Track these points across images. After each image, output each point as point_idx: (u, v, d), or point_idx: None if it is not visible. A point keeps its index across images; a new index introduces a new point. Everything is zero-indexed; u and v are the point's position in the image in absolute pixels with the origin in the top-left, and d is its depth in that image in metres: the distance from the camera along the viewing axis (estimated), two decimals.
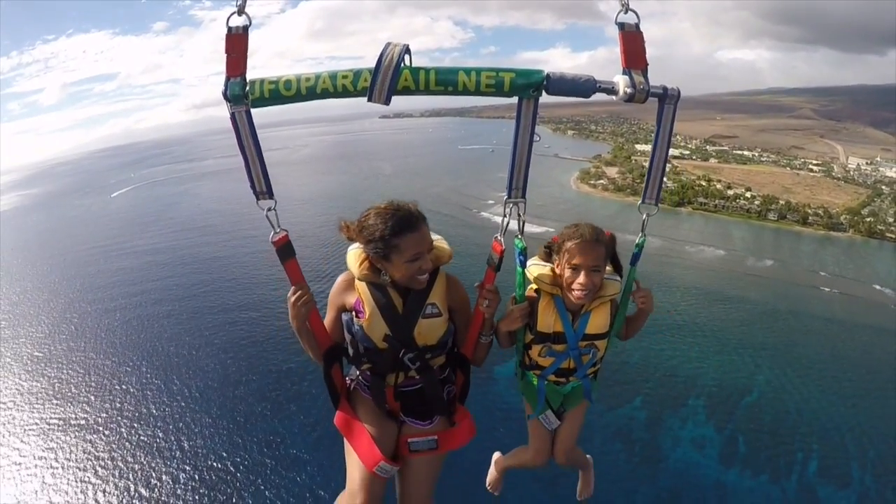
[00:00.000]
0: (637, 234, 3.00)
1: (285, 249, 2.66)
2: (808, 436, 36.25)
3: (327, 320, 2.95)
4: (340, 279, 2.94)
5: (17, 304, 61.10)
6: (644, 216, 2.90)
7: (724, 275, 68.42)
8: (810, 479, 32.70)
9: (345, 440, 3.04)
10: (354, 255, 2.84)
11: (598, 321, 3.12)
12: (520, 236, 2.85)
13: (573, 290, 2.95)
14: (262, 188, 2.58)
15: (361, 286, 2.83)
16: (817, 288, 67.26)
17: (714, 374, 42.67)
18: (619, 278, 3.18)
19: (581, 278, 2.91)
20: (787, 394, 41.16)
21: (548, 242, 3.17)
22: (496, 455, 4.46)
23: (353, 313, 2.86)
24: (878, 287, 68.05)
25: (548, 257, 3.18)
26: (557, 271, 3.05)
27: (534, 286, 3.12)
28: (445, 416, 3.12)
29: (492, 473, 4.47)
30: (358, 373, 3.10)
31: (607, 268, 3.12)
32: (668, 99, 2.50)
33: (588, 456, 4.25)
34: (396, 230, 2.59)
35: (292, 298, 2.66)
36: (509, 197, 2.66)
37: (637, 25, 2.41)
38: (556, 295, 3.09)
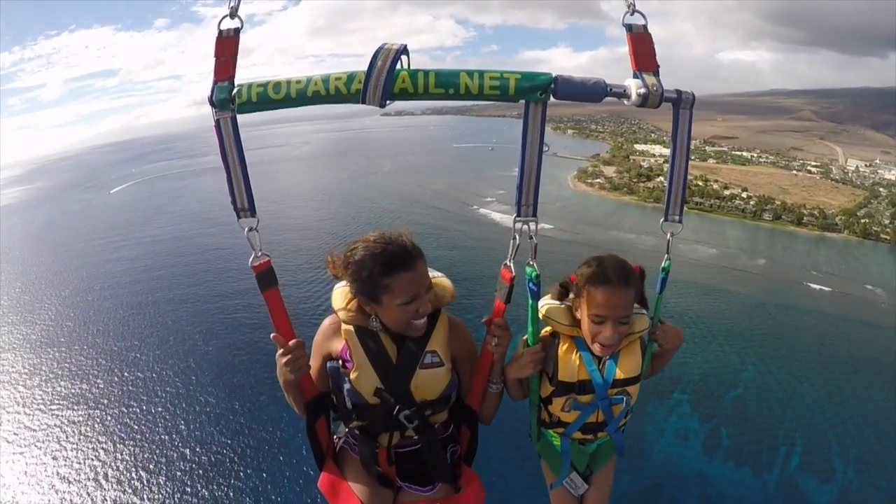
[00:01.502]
0: (631, 233, 2.73)
1: (266, 277, 2.35)
2: (792, 430, 36.76)
3: (313, 369, 2.56)
4: (326, 323, 2.60)
5: (24, 291, 62.56)
6: (668, 236, 2.56)
7: (716, 272, 68.91)
8: (792, 473, 33.25)
9: None
10: (341, 294, 2.50)
11: (628, 364, 2.65)
12: (532, 262, 2.43)
13: (597, 343, 2.53)
14: (244, 205, 2.31)
15: (349, 331, 2.48)
16: (808, 286, 67.77)
17: (700, 368, 43.00)
18: (645, 312, 2.71)
19: (607, 332, 2.47)
20: (772, 389, 41.61)
21: (563, 281, 2.71)
22: None
23: (340, 362, 2.52)
24: (869, 287, 68.51)
25: (563, 295, 2.73)
26: (577, 314, 2.61)
27: (549, 329, 2.71)
28: (449, 482, 2.74)
29: None
30: (346, 430, 2.75)
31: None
32: (682, 103, 2.34)
33: None
34: (387, 269, 2.26)
35: (283, 360, 2.34)
36: (519, 215, 2.34)
37: (645, 27, 2.30)
38: (576, 336, 2.64)
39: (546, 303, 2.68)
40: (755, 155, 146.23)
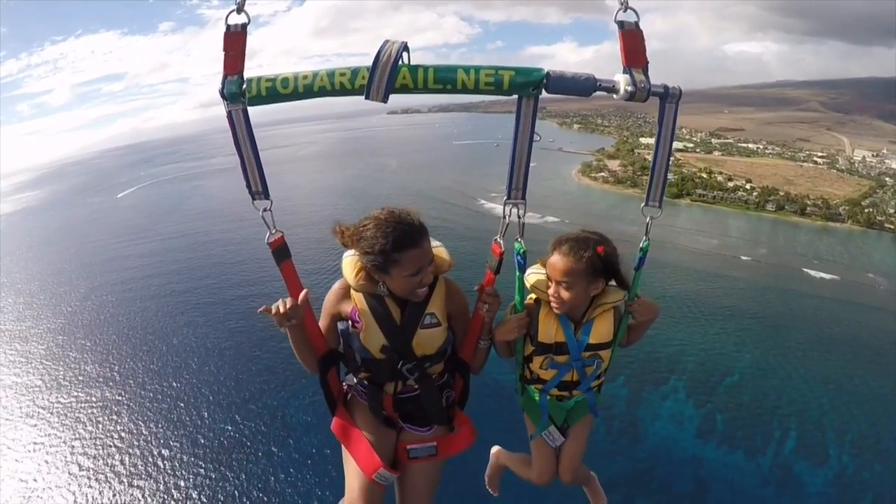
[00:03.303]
0: (633, 225, 3.16)
1: (281, 251, 2.64)
2: (787, 415, 36.96)
3: (322, 327, 2.88)
4: (336, 286, 2.87)
5: (35, 294, 63.80)
6: (648, 219, 2.82)
7: (716, 260, 69.04)
8: (786, 457, 33.45)
9: (343, 447, 2.99)
10: (350, 262, 2.76)
11: (601, 330, 2.98)
12: (520, 239, 2.77)
13: (550, 301, 2.89)
14: (258, 188, 2.55)
15: (357, 296, 2.77)
16: (808, 273, 67.77)
17: (697, 354, 43.35)
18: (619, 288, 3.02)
19: (552, 290, 2.84)
20: (768, 375, 41.82)
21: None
22: (495, 449, 4.26)
23: (350, 323, 2.81)
24: (870, 275, 68.28)
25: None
26: None
27: (533, 295, 3.01)
28: (444, 425, 3.08)
29: (491, 470, 4.29)
30: (355, 380, 3.06)
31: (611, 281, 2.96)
32: (669, 98, 2.49)
33: (592, 472, 4.06)
34: (398, 245, 2.50)
35: (277, 318, 2.53)
36: (509, 198, 2.63)
37: (636, 24, 2.40)
38: None
39: (531, 272, 2.96)
40: (761, 147, 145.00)
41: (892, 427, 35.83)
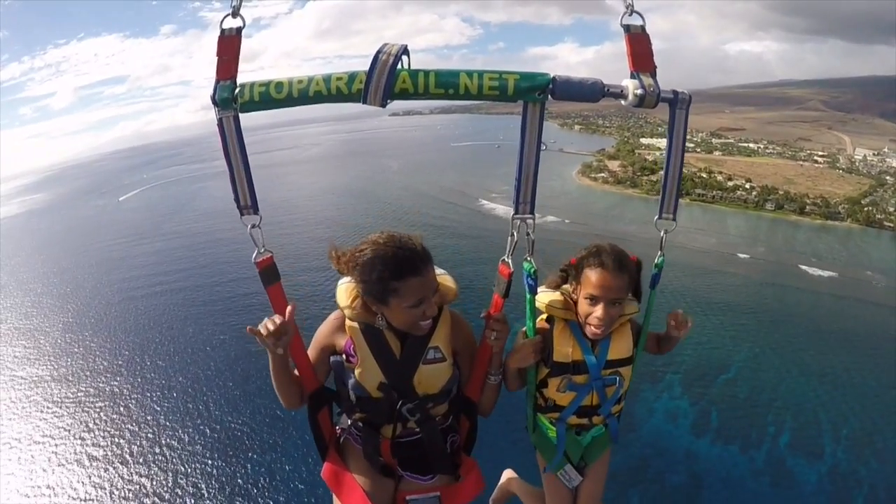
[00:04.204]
0: (631, 224, 3.36)
1: (269, 272, 2.42)
2: (782, 411, 37.26)
3: (311, 358, 2.61)
4: (332, 318, 2.63)
5: (42, 294, 64.72)
6: (662, 233, 2.64)
7: (713, 258, 69.31)
8: (781, 451, 33.74)
9: (334, 497, 2.71)
10: (345, 290, 2.52)
11: (620, 345, 2.80)
12: (529, 258, 2.51)
13: (589, 323, 2.66)
14: (247, 202, 2.37)
15: (353, 327, 2.51)
16: (806, 271, 67.92)
17: (694, 351, 43.33)
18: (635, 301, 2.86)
19: (598, 312, 2.60)
20: (764, 370, 42.06)
21: (563, 265, 2.85)
22: (508, 473, 4.02)
23: (344, 357, 2.57)
24: (868, 273, 68.36)
25: (563, 281, 2.86)
26: (573, 297, 2.75)
27: (545, 315, 2.82)
28: (449, 472, 2.79)
29: (499, 493, 4.06)
30: (349, 422, 2.81)
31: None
32: (679, 103, 2.38)
33: None
34: (397, 273, 2.28)
35: (270, 326, 2.25)
36: (517, 212, 2.43)
37: (643, 27, 2.33)
38: (571, 321, 2.78)
39: (541, 290, 2.77)
40: (762, 146, 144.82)
41: (887, 422, 36.00)
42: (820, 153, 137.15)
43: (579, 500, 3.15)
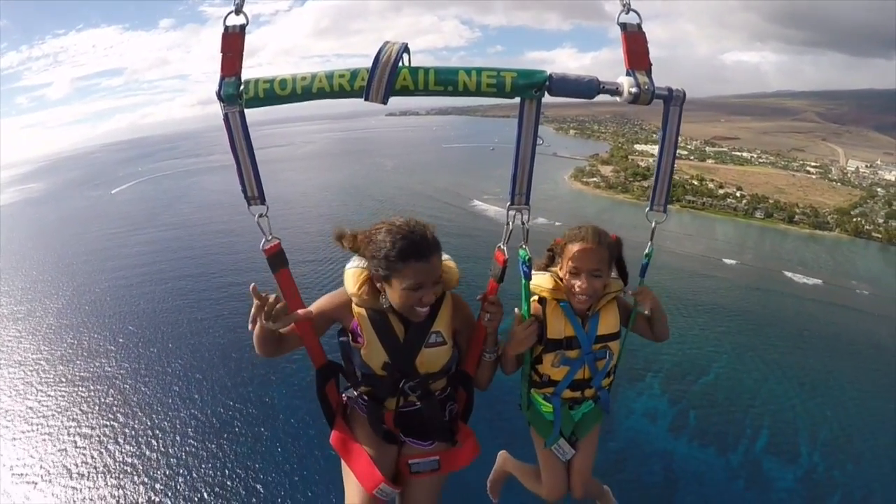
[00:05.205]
0: (621, 228, 3.06)
1: (277, 258, 2.52)
2: (760, 414, 37.33)
3: (314, 318, 2.65)
4: (342, 292, 2.71)
5: (37, 281, 64.76)
6: (653, 224, 2.77)
7: (699, 263, 69.64)
8: (757, 454, 33.77)
9: (342, 461, 2.89)
10: (353, 275, 2.64)
11: (608, 320, 2.99)
12: (524, 246, 2.65)
13: (574, 293, 2.85)
14: (254, 193, 2.46)
15: (360, 310, 2.65)
16: (791, 278, 68.31)
17: (674, 354, 43.31)
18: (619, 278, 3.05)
19: (580, 282, 2.80)
20: (744, 373, 42.23)
21: (550, 245, 3.07)
22: (503, 454, 4.17)
23: (351, 337, 2.71)
24: (853, 282, 68.82)
25: (550, 261, 3.09)
26: (560, 274, 2.94)
27: (536, 296, 2.98)
28: (447, 440, 2.96)
29: (495, 475, 4.19)
30: (356, 393, 2.96)
31: (612, 273, 2.98)
32: (673, 101, 2.45)
33: (605, 486, 3.92)
34: (403, 255, 2.41)
35: (272, 300, 2.31)
36: (512, 203, 2.54)
37: (639, 26, 2.37)
38: (561, 300, 2.96)
39: (533, 273, 2.85)
40: (755, 155, 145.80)
41: (865, 427, 36.22)
42: (813, 164, 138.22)
43: (572, 472, 3.39)
